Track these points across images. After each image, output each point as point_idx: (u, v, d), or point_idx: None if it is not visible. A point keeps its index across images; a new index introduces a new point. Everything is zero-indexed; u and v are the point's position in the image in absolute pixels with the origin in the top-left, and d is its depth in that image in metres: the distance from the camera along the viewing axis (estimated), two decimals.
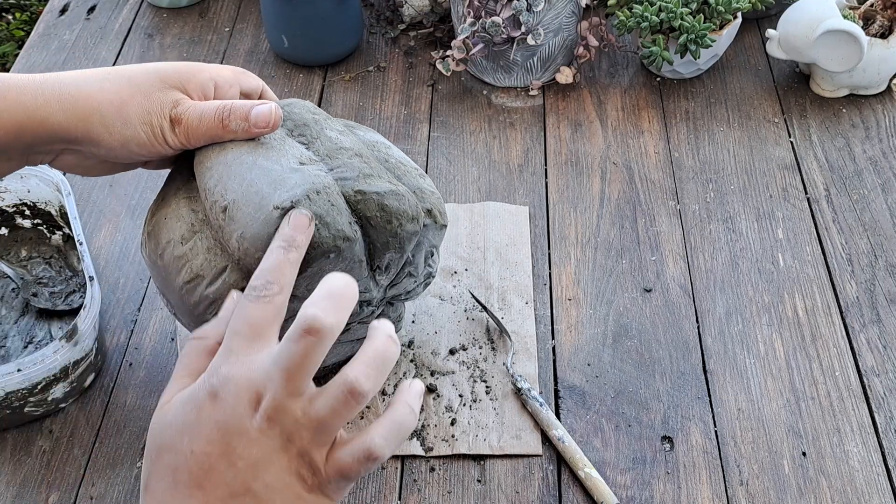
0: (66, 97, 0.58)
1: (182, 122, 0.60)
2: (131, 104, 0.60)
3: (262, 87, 0.66)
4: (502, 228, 0.84)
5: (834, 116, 0.96)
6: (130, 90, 0.60)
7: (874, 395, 0.73)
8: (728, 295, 0.80)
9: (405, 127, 0.96)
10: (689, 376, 0.74)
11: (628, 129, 0.95)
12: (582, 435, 0.71)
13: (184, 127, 0.60)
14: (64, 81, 0.59)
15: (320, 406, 0.47)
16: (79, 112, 0.59)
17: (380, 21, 1.09)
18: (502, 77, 1.00)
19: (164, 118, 0.60)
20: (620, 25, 0.96)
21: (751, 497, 0.67)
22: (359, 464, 0.48)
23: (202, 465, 0.47)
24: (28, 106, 0.58)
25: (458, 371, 0.74)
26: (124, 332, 0.78)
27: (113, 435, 0.71)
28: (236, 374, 0.48)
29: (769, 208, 0.87)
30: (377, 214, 0.59)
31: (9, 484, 0.68)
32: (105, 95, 0.59)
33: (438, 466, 0.69)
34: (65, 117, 0.58)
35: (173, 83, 0.61)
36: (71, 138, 0.59)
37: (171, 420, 0.48)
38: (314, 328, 0.46)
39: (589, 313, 0.78)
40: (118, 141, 0.60)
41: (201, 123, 0.60)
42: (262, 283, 0.50)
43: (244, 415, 0.47)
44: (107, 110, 0.59)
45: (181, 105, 0.61)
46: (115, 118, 0.59)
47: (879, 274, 0.81)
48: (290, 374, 0.47)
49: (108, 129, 0.59)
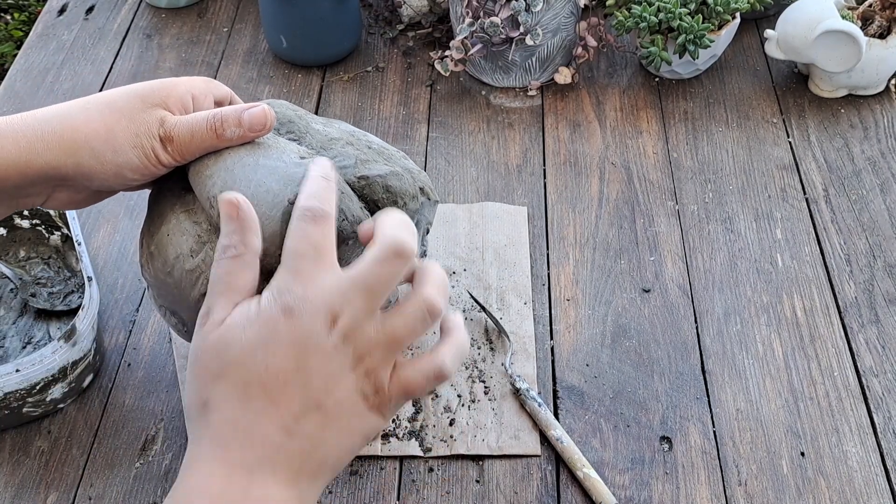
0: (49, 135, 0.56)
1: (173, 139, 0.59)
2: (118, 130, 0.58)
3: (231, 95, 0.65)
4: (500, 229, 0.84)
5: (832, 117, 0.96)
6: (114, 116, 0.58)
7: (872, 396, 0.73)
8: (727, 295, 0.80)
9: (404, 127, 0.96)
10: (687, 376, 0.74)
11: (627, 130, 0.95)
12: (580, 435, 0.70)
13: (176, 144, 0.59)
14: (44, 118, 0.57)
15: (398, 324, 0.50)
16: (66, 148, 0.57)
17: (378, 21, 1.09)
18: (501, 77, 1.00)
19: (153, 139, 0.59)
20: (619, 26, 0.96)
21: (749, 497, 0.67)
22: (427, 381, 0.51)
23: (277, 380, 0.48)
24: (9, 151, 0.56)
25: (457, 371, 0.74)
26: (122, 332, 0.78)
27: (111, 435, 0.71)
28: (311, 293, 0.49)
29: (768, 208, 0.87)
30: (383, 196, 0.59)
31: (7, 484, 0.68)
32: (90, 126, 0.57)
33: (437, 467, 0.69)
34: (52, 156, 0.57)
35: (154, 101, 0.59)
36: (61, 176, 0.57)
37: (239, 337, 0.49)
38: (403, 251, 0.49)
39: (587, 313, 0.78)
40: (111, 170, 0.58)
41: (193, 137, 0.59)
42: (314, 203, 0.51)
43: (321, 332, 0.49)
44: (95, 141, 0.57)
45: (167, 122, 0.59)
46: (105, 147, 0.58)
47: (878, 274, 0.81)
48: (372, 294, 0.49)
49: (99, 160, 0.58)
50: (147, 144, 0.58)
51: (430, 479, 0.68)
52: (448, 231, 0.84)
